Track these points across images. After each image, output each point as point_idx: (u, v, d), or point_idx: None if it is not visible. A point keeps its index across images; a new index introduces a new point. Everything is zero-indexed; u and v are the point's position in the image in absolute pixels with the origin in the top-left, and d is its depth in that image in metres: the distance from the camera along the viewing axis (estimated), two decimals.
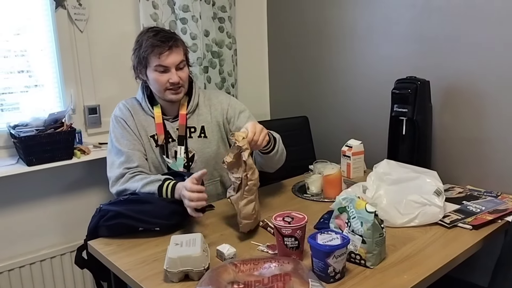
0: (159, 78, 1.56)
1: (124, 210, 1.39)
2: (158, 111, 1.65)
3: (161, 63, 1.54)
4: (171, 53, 1.54)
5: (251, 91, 2.58)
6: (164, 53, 1.53)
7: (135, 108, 1.66)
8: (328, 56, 2.29)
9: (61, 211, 1.98)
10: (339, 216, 1.24)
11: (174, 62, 1.55)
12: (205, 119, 1.70)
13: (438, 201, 1.40)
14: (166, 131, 1.65)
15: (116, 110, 1.66)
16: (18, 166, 1.75)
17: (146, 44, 1.54)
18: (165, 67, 1.55)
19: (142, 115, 1.66)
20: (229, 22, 2.30)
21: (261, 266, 1.07)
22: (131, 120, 1.63)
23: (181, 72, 1.59)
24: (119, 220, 1.39)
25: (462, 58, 1.77)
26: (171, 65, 1.55)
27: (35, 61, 1.88)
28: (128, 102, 1.68)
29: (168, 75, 1.56)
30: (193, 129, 1.68)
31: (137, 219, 1.39)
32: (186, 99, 1.68)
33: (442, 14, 1.80)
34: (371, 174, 1.55)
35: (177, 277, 1.12)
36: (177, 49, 1.56)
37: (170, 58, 1.54)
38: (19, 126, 1.77)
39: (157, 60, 1.53)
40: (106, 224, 1.39)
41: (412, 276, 1.12)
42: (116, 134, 1.61)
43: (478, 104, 1.75)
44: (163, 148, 1.64)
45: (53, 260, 1.93)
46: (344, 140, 2.02)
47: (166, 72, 1.56)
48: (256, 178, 1.37)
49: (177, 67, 1.57)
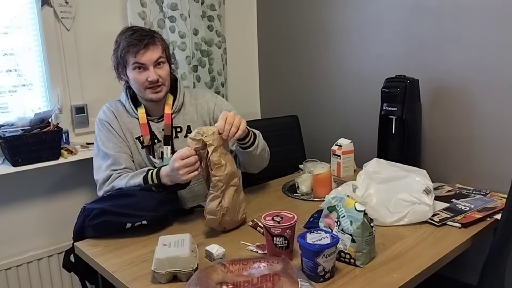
0: (138, 77, 1.55)
1: (108, 207, 1.37)
2: (142, 112, 1.63)
3: (138, 60, 1.53)
4: (147, 50, 1.53)
5: (241, 90, 2.57)
6: (140, 51, 1.52)
7: (119, 111, 1.64)
8: (319, 55, 2.28)
9: (48, 212, 1.95)
10: (328, 215, 1.23)
11: (151, 59, 1.54)
12: (191, 118, 1.68)
13: (428, 200, 1.40)
14: (151, 132, 1.63)
15: (100, 114, 1.64)
16: (3, 167, 1.73)
17: (123, 44, 1.54)
18: (142, 64, 1.54)
19: (127, 117, 1.64)
20: (219, 20, 2.29)
21: (251, 266, 1.06)
22: (115, 123, 1.61)
23: (160, 69, 1.57)
24: (104, 217, 1.36)
25: (451, 57, 1.77)
26: (148, 63, 1.54)
27: (23, 60, 1.85)
28: (112, 105, 1.66)
29: (146, 73, 1.54)
30: (179, 128, 1.66)
31: (122, 214, 1.37)
32: (171, 98, 1.66)
33: (431, 13, 1.80)
34: (361, 173, 1.55)
35: (165, 278, 1.10)
36: (153, 46, 1.54)
37: (146, 55, 1.53)
38: (4, 126, 1.73)
39: (133, 58, 1.53)
40: (92, 224, 1.37)
41: (401, 275, 1.12)
42: (101, 138, 1.59)
43: (467, 102, 1.76)
44: (149, 149, 1.62)
45: (40, 262, 1.90)
46: (334, 139, 2.02)
47: (145, 70, 1.55)
48: (222, 175, 1.35)
49: (155, 65, 1.55)
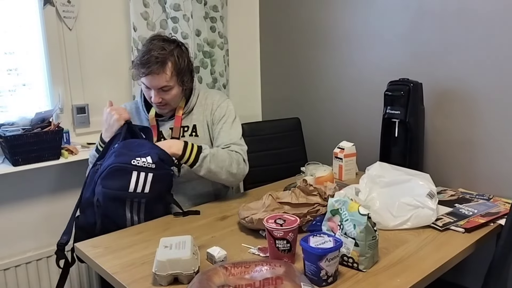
0: (145, 92, 1.63)
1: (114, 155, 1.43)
2: (152, 114, 1.69)
3: (144, 82, 1.58)
4: (151, 78, 1.55)
5: (243, 92, 2.56)
6: (143, 76, 1.56)
7: (132, 112, 1.72)
8: (321, 57, 2.28)
9: (48, 212, 1.94)
10: (331, 219, 1.22)
11: (155, 86, 1.57)
12: (197, 118, 1.71)
13: (431, 204, 1.39)
14: (158, 131, 1.68)
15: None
16: (4, 166, 1.71)
17: (137, 59, 1.58)
18: (146, 86, 1.59)
19: (138, 117, 1.72)
20: (221, 22, 2.28)
21: (252, 269, 1.05)
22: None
23: (165, 94, 1.59)
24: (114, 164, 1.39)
25: (455, 61, 1.77)
26: (151, 87, 1.58)
27: (23, 59, 1.84)
28: (127, 106, 1.74)
29: (150, 92, 1.59)
30: (186, 128, 1.70)
31: (125, 154, 1.41)
32: (184, 101, 1.70)
33: (435, 17, 1.80)
34: (363, 177, 1.54)
35: (166, 281, 1.09)
36: (159, 75, 1.54)
37: (148, 81, 1.56)
38: (5, 125, 1.73)
39: (139, 77, 1.58)
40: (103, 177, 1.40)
41: (405, 280, 1.10)
42: None
43: (471, 106, 1.75)
44: None
45: (39, 262, 1.89)
46: (336, 142, 2.01)
47: (150, 89, 1.59)
48: None
49: (161, 90, 1.57)
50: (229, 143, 1.66)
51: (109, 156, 1.46)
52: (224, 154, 1.60)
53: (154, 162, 1.41)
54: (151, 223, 1.49)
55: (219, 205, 1.66)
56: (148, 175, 1.40)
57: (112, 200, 1.41)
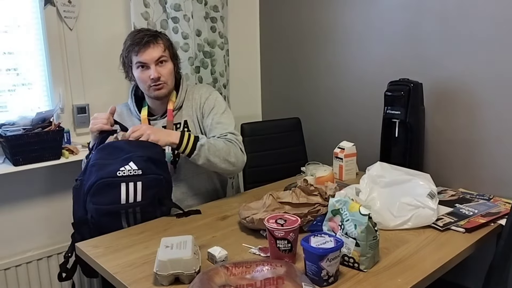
0: (141, 75, 1.61)
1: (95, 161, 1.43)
2: (144, 114, 1.70)
3: (139, 59, 1.58)
4: (147, 49, 1.58)
5: (243, 92, 2.57)
6: (141, 50, 1.57)
7: (123, 114, 1.74)
8: (321, 57, 2.28)
9: (48, 212, 1.94)
10: (332, 219, 1.22)
11: (152, 58, 1.58)
12: (187, 113, 1.72)
13: (432, 204, 1.39)
14: None
15: None
16: (4, 166, 1.72)
17: (127, 44, 1.61)
18: (143, 63, 1.59)
19: (129, 119, 1.72)
20: (221, 22, 2.28)
21: (254, 269, 1.05)
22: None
23: (162, 68, 1.61)
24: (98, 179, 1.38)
25: (456, 61, 1.77)
26: (149, 61, 1.58)
27: (23, 59, 1.84)
28: (118, 108, 1.71)
29: (149, 71, 1.60)
30: (178, 125, 1.71)
31: (109, 164, 1.40)
32: (175, 95, 1.71)
33: (435, 16, 1.80)
34: (364, 177, 1.54)
35: (167, 280, 1.09)
36: (154, 45, 1.59)
37: (147, 53, 1.58)
38: (5, 125, 1.73)
39: (136, 57, 1.59)
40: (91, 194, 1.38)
41: (406, 280, 1.10)
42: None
43: (471, 106, 1.75)
44: None
45: (39, 262, 1.89)
46: (336, 142, 2.01)
47: (147, 69, 1.60)
48: None
49: (157, 63, 1.60)
50: (225, 133, 1.66)
51: (89, 170, 1.43)
52: (221, 143, 1.59)
53: (140, 167, 1.39)
54: (152, 223, 1.49)
55: (219, 205, 1.66)
56: (137, 184, 1.39)
57: (106, 215, 1.40)
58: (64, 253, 1.46)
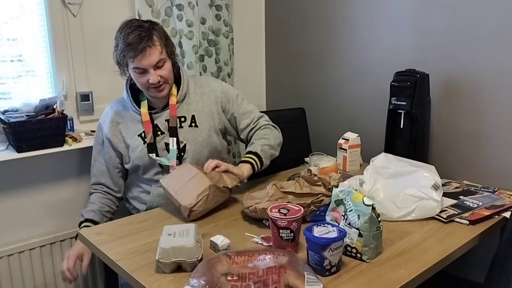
0: (139, 79, 1.55)
1: None
2: (144, 109, 1.63)
3: (137, 65, 1.50)
4: (144, 55, 1.48)
5: (247, 81, 2.55)
6: (138, 56, 1.48)
7: (120, 110, 1.67)
8: (327, 47, 2.26)
9: (52, 199, 1.94)
10: (335, 209, 1.22)
11: (150, 63, 1.50)
12: (195, 108, 1.67)
13: (436, 196, 1.38)
14: (154, 125, 1.63)
15: (102, 115, 1.71)
16: (8, 153, 1.71)
17: (120, 45, 1.50)
18: (142, 69, 1.51)
19: (128, 115, 1.66)
20: (226, 10, 2.26)
21: (256, 258, 1.05)
22: (110, 133, 1.65)
23: (161, 70, 1.54)
24: None
25: (463, 52, 1.74)
26: (147, 67, 1.50)
27: (27, 46, 1.83)
28: (113, 107, 1.69)
29: (147, 75, 1.52)
30: (183, 118, 1.65)
31: None
32: (175, 88, 1.65)
33: (443, 7, 1.77)
34: (368, 168, 1.53)
35: (170, 268, 1.09)
36: (151, 49, 1.49)
37: (144, 60, 1.49)
38: (9, 112, 1.72)
39: (132, 63, 1.51)
40: None
41: (408, 271, 1.10)
42: (95, 145, 1.72)
43: (478, 98, 1.73)
44: (150, 147, 1.61)
45: (42, 249, 1.90)
46: (340, 132, 2.00)
47: (145, 73, 1.52)
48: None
49: (156, 66, 1.52)
50: (254, 121, 1.74)
51: None
52: (264, 139, 1.68)
53: None
54: (155, 211, 1.50)
55: None
56: None
57: None
58: (67, 240, 1.48)
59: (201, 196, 1.38)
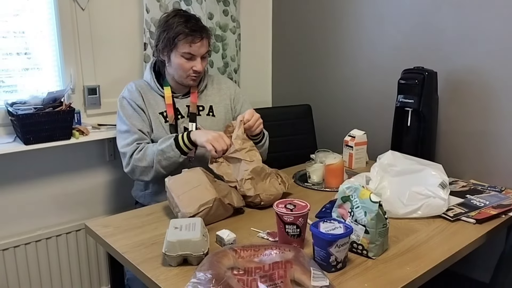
0: (184, 64, 1.63)
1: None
2: (168, 92, 1.71)
3: (191, 51, 1.60)
4: (201, 44, 1.61)
5: (254, 78, 2.55)
6: (196, 43, 1.59)
7: (144, 89, 1.71)
8: (334, 44, 2.25)
9: (58, 191, 1.95)
10: (342, 205, 1.21)
11: (201, 52, 1.63)
12: (213, 100, 1.79)
13: (443, 194, 1.38)
14: (175, 108, 1.71)
15: (125, 92, 1.72)
16: (15, 145, 1.72)
17: (177, 29, 1.59)
18: (193, 55, 1.62)
19: (150, 94, 1.71)
20: (234, 5, 2.25)
21: (262, 253, 1.05)
22: (140, 100, 1.68)
23: (204, 61, 1.69)
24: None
25: (472, 51, 1.73)
26: (198, 54, 1.63)
27: (35, 39, 1.83)
28: (136, 83, 1.73)
29: (193, 63, 1.63)
30: (201, 107, 1.76)
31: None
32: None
33: (452, 5, 1.76)
34: (375, 165, 1.52)
35: (176, 261, 1.09)
36: (205, 41, 1.63)
37: (198, 47, 1.61)
38: (17, 104, 1.73)
39: (187, 47, 1.60)
40: None
41: (414, 268, 1.10)
42: (126, 114, 1.66)
43: (486, 97, 1.72)
44: (173, 126, 1.69)
45: (48, 241, 1.91)
46: (347, 130, 1.99)
47: (192, 60, 1.63)
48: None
49: (202, 57, 1.65)
50: None
51: None
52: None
53: None
54: (161, 204, 1.50)
55: None
56: None
57: None
58: (72, 232, 1.47)
59: (203, 208, 1.29)
